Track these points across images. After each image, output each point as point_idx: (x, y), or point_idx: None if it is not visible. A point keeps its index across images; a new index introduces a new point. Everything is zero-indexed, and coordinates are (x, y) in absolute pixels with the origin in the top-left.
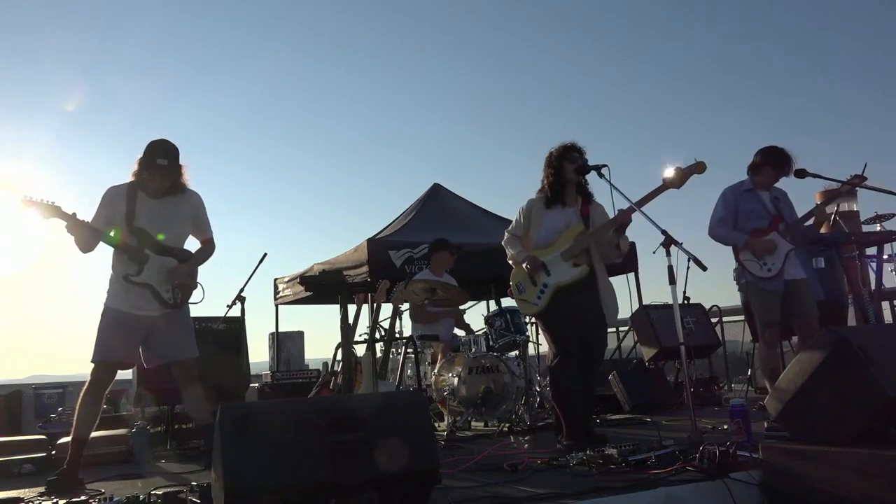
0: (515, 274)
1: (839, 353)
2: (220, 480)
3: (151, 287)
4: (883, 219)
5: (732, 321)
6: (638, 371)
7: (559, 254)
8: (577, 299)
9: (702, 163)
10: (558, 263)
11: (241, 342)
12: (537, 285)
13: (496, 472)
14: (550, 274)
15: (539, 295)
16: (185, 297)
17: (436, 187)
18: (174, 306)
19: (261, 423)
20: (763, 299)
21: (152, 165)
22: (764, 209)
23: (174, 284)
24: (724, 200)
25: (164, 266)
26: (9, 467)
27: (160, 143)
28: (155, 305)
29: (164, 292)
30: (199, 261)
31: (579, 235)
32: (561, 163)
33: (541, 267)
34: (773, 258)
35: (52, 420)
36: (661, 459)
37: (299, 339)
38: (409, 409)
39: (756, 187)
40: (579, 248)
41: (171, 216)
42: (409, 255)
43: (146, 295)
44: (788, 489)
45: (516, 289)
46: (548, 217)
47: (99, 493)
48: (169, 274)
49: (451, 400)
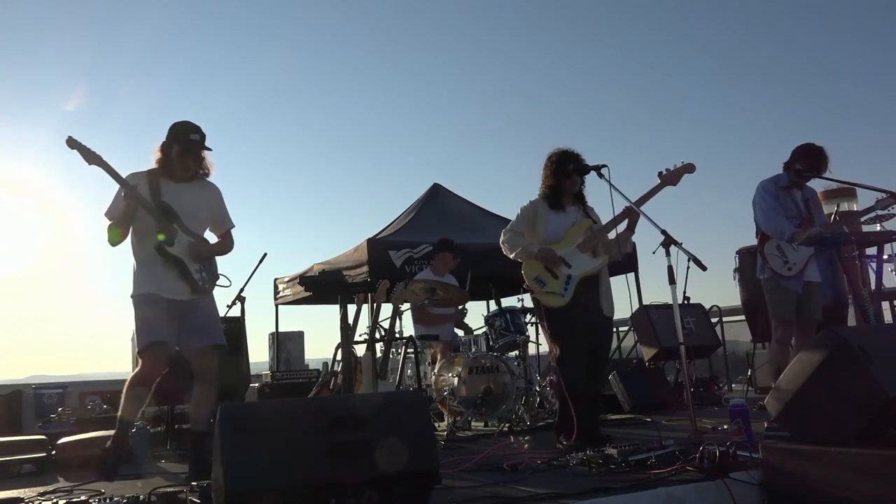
0: (531, 268)
1: (839, 353)
2: (220, 480)
3: (182, 263)
4: (883, 219)
5: (732, 321)
6: (638, 371)
7: (576, 246)
8: (587, 296)
9: (692, 164)
10: (577, 255)
11: (241, 342)
12: (559, 277)
13: (496, 472)
14: (571, 265)
15: (565, 286)
16: (211, 281)
17: (436, 187)
18: (203, 291)
19: (261, 423)
20: (781, 296)
21: (184, 141)
22: (797, 209)
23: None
24: (766, 193)
25: (192, 245)
26: (9, 467)
27: (189, 122)
28: (184, 288)
29: (195, 271)
30: (219, 250)
31: (588, 230)
32: (558, 173)
33: (559, 260)
34: (795, 255)
35: (52, 420)
36: (661, 459)
37: (299, 339)
38: (409, 409)
39: (791, 185)
40: (593, 242)
41: (193, 202)
42: (409, 255)
43: (175, 275)
44: (788, 489)
45: (537, 283)
46: (553, 217)
47: (99, 493)
48: (193, 251)
49: (451, 400)
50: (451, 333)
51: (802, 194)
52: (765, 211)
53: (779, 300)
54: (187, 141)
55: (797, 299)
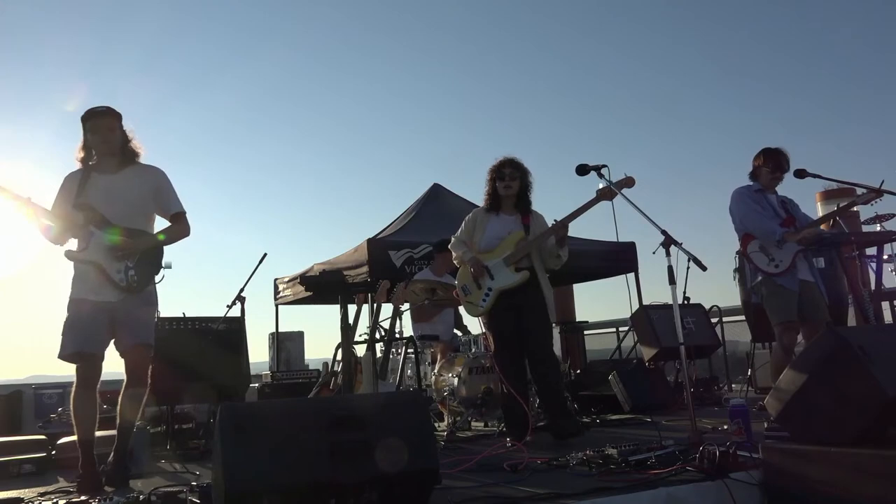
0: (461, 275)
1: (839, 353)
2: (220, 480)
3: (99, 265)
4: (883, 219)
5: (732, 321)
6: (638, 371)
7: (502, 259)
8: (517, 301)
9: (631, 178)
10: (501, 268)
11: (241, 342)
12: (482, 288)
13: (496, 472)
14: (494, 278)
15: (484, 298)
16: (142, 279)
17: (435, 187)
18: (130, 290)
19: (261, 423)
20: (781, 297)
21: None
22: (774, 211)
23: (116, 257)
24: (745, 197)
25: (113, 244)
26: (9, 467)
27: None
28: (109, 290)
29: (115, 273)
30: (158, 242)
31: (520, 242)
32: (493, 180)
33: (484, 271)
34: (780, 253)
35: (52, 420)
36: (661, 459)
37: (299, 339)
38: (410, 409)
39: (764, 189)
40: (521, 254)
41: (123, 191)
42: (409, 255)
43: (95, 276)
44: (788, 489)
45: (462, 290)
46: (490, 224)
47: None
48: (115, 250)
49: (451, 400)
50: (451, 332)
51: (777, 197)
52: (747, 214)
53: (778, 301)
54: (90, 118)
55: (797, 299)
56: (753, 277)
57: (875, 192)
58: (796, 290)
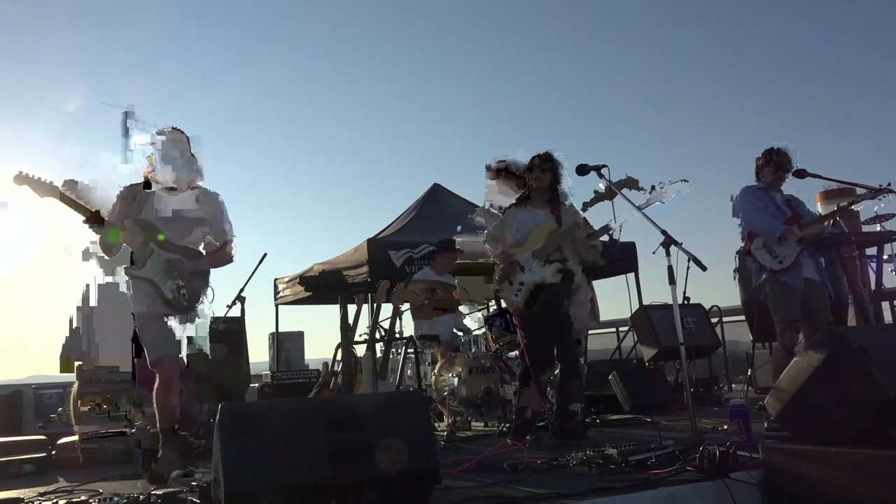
0: (496, 271)
1: (839, 353)
2: (220, 480)
3: (152, 282)
4: (883, 219)
5: (732, 321)
6: (638, 371)
7: (530, 253)
8: (550, 296)
9: (633, 178)
10: (530, 262)
11: (241, 342)
12: (514, 284)
13: (496, 472)
14: (525, 272)
15: (516, 292)
16: (192, 299)
17: (436, 187)
18: (179, 308)
19: (261, 423)
20: (785, 295)
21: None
22: (779, 209)
23: (172, 277)
24: (749, 196)
25: (169, 263)
26: (9, 467)
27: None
28: (159, 304)
29: (168, 291)
30: (211, 263)
31: (550, 234)
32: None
33: (515, 267)
34: (783, 250)
35: (52, 420)
36: (661, 459)
37: (299, 340)
38: (409, 409)
39: (769, 187)
40: (551, 247)
41: (183, 211)
42: (409, 255)
43: (149, 292)
44: (788, 489)
45: (497, 284)
46: (520, 217)
47: (99, 493)
48: (170, 269)
49: (451, 400)
50: (451, 332)
51: (781, 196)
52: (750, 212)
53: (782, 299)
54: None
55: (801, 297)
56: (758, 275)
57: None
58: (801, 287)
